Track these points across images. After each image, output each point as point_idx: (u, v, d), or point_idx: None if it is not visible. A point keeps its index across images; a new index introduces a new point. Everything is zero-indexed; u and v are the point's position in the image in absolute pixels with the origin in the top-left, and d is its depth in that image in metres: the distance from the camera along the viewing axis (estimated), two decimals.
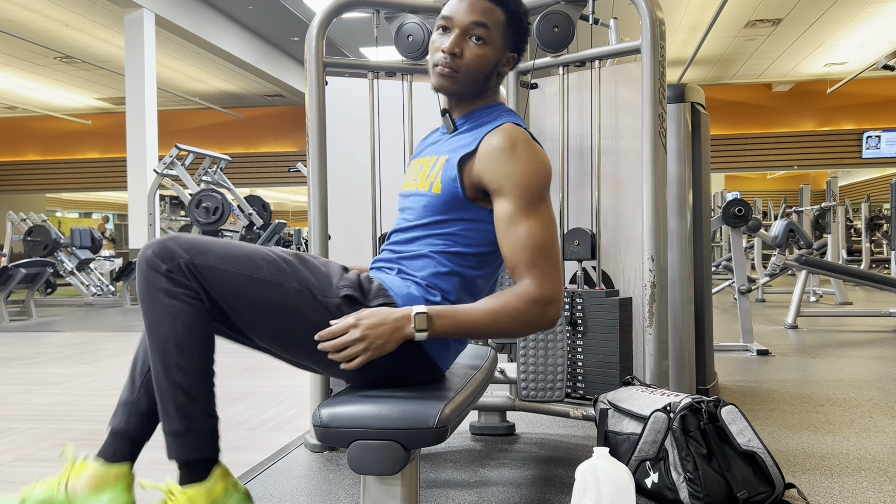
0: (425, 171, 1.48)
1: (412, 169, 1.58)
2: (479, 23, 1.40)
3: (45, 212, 16.36)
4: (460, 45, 1.41)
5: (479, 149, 1.40)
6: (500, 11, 1.42)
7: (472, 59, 1.41)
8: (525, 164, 1.36)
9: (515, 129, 1.40)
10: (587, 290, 2.35)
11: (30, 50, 11.75)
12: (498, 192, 1.37)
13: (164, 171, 7.30)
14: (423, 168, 1.51)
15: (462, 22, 1.41)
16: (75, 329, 6.59)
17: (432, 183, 1.44)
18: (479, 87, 1.47)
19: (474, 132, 1.45)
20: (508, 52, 1.47)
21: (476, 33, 1.40)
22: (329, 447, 2.43)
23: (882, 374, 3.70)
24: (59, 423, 2.95)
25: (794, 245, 7.42)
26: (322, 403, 1.29)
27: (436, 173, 1.44)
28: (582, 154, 2.58)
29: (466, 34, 1.41)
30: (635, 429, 1.92)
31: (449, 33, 1.42)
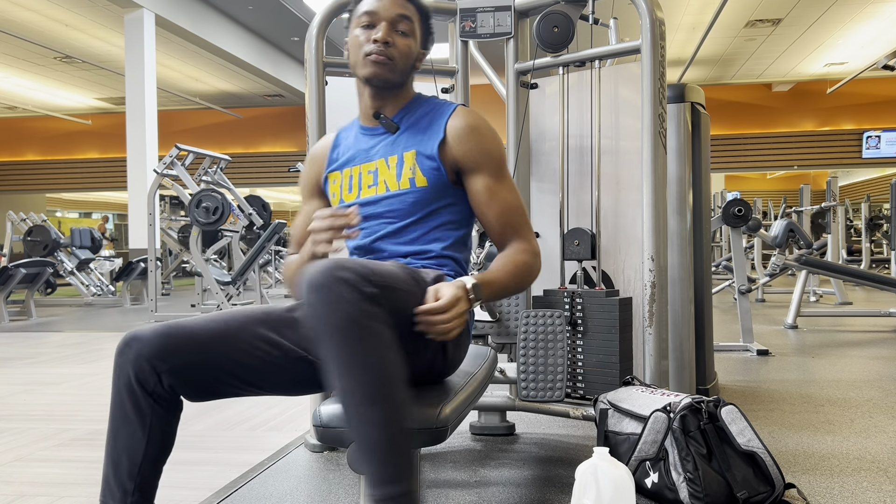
0: (389, 173, 1.49)
1: (353, 177, 1.53)
2: (403, 15, 1.47)
3: (45, 212, 16.36)
4: (391, 34, 1.46)
5: (448, 134, 1.49)
6: (413, 8, 1.50)
7: (402, 48, 1.47)
8: (492, 141, 1.51)
9: (472, 111, 1.53)
10: (587, 290, 2.35)
11: (30, 50, 11.75)
12: (475, 169, 1.48)
13: (164, 171, 7.29)
14: (377, 171, 1.51)
15: (388, 15, 1.46)
16: (75, 329, 6.59)
17: (412, 178, 1.47)
18: (405, 79, 1.52)
19: (425, 122, 1.52)
20: (421, 49, 1.54)
21: (401, 27, 1.47)
22: (329, 447, 2.43)
23: (882, 374, 3.70)
24: (59, 423, 2.95)
25: (794, 245, 7.42)
26: (322, 403, 1.29)
27: (410, 169, 1.47)
28: (582, 154, 2.58)
29: (393, 27, 1.46)
30: (635, 429, 1.92)
31: (374, 27, 1.46)
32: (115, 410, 1.29)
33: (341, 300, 1.09)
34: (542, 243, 2.64)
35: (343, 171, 1.56)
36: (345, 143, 1.60)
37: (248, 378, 1.34)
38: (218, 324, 1.33)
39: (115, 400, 1.29)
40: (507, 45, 2.54)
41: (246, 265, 7.78)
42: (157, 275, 7.46)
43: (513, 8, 2.46)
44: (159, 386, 1.28)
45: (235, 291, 7.83)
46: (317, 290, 1.11)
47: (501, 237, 1.49)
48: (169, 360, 1.27)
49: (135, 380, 1.27)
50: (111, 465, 1.28)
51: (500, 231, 1.49)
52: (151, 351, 1.26)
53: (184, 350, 1.28)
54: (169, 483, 2.20)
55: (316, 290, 1.11)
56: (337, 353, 1.10)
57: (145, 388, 1.27)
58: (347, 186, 1.54)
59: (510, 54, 2.54)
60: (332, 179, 1.57)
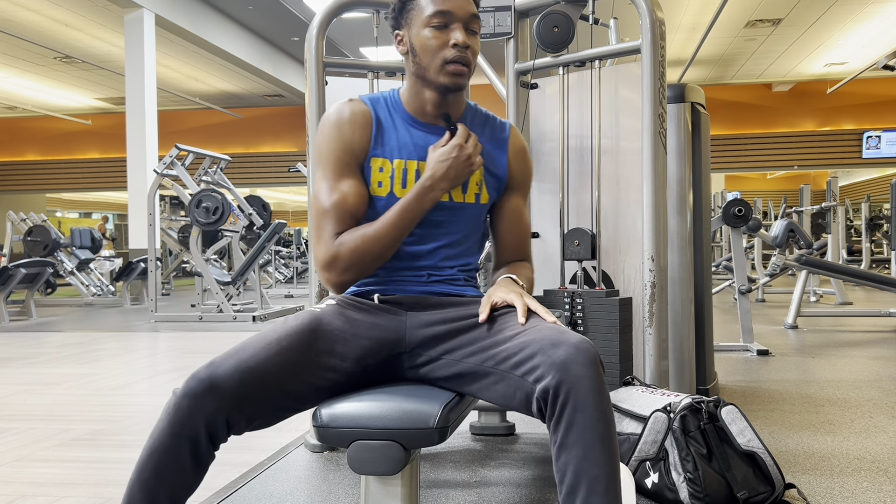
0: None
1: (408, 172, 1.43)
2: (476, 15, 1.40)
3: (45, 212, 16.36)
4: (468, 38, 1.39)
5: (510, 153, 1.53)
6: (475, 7, 1.43)
7: (476, 51, 1.42)
8: (531, 165, 1.59)
9: (518, 132, 1.58)
10: (587, 290, 2.35)
11: (30, 50, 11.75)
12: (516, 188, 1.54)
13: (164, 171, 7.29)
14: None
15: (464, 16, 1.38)
16: (75, 329, 6.59)
17: (478, 194, 1.48)
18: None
19: (485, 136, 1.52)
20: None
21: (474, 26, 1.40)
22: (329, 447, 2.43)
23: (882, 374, 3.70)
24: (59, 423, 2.95)
25: (794, 245, 7.42)
26: (322, 403, 1.29)
27: (476, 184, 1.48)
28: (582, 154, 2.58)
29: (468, 28, 1.39)
30: (635, 429, 1.92)
31: (450, 28, 1.38)
32: (166, 454, 1.15)
33: (604, 384, 1.17)
34: (542, 243, 2.64)
35: (394, 162, 1.43)
36: (389, 128, 1.45)
37: (311, 403, 1.29)
38: (282, 357, 1.23)
39: (170, 444, 1.15)
40: (507, 45, 2.54)
41: (246, 265, 7.78)
42: (157, 275, 7.46)
43: (513, 8, 2.46)
44: (226, 435, 1.19)
45: (235, 291, 7.83)
46: (594, 364, 1.15)
47: (513, 256, 1.56)
48: (245, 408, 1.18)
49: (205, 433, 1.16)
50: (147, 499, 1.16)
51: (514, 251, 1.56)
52: (230, 404, 1.16)
53: (258, 396, 1.20)
54: None
55: (593, 364, 1.15)
56: (607, 428, 1.13)
57: (213, 442, 1.18)
58: (401, 180, 1.42)
59: (510, 54, 2.54)
60: (379, 166, 1.42)
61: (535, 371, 1.16)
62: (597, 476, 1.09)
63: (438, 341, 1.34)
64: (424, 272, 1.44)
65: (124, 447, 2.60)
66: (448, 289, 1.45)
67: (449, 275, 1.46)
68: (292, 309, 7.96)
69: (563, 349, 1.15)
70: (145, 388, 3.76)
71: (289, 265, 14.27)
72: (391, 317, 1.38)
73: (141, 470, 1.16)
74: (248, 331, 6.24)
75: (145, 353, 5.02)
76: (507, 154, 1.52)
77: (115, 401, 3.40)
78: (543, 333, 1.21)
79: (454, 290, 1.45)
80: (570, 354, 1.14)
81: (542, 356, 1.16)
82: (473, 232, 1.51)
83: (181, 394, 1.16)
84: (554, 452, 1.14)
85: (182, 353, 4.97)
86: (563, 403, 1.12)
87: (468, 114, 1.52)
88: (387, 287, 1.43)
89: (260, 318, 7.08)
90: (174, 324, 6.93)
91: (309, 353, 1.27)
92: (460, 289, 1.47)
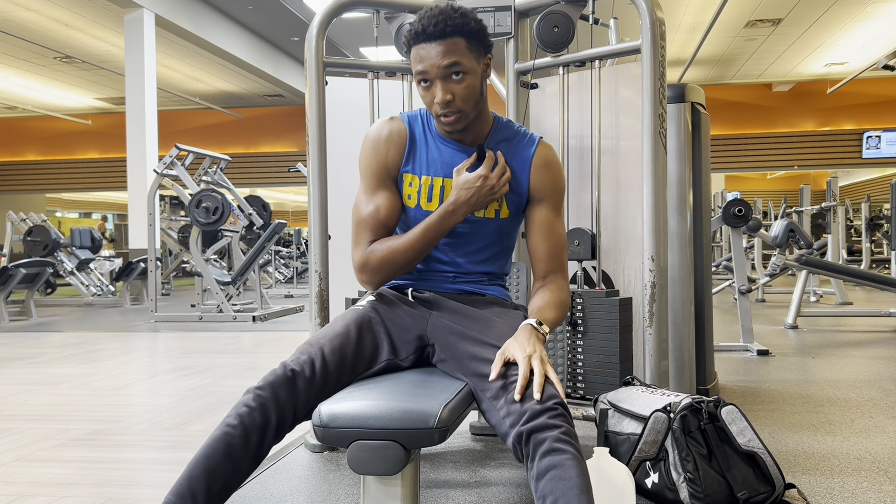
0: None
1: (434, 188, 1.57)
2: (452, 63, 1.45)
3: (45, 212, 16.36)
4: (448, 89, 1.46)
5: (532, 169, 1.59)
6: (460, 39, 1.46)
7: (463, 94, 1.48)
8: (560, 176, 1.63)
9: (549, 145, 1.64)
10: (587, 290, 2.35)
11: (30, 50, 11.75)
12: (541, 200, 1.60)
13: (164, 171, 7.29)
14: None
15: (437, 72, 1.46)
16: (75, 329, 6.59)
17: (497, 210, 1.59)
18: (480, 107, 1.55)
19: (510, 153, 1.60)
20: (484, 60, 1.53)
21: (454, 72, 1.46)
22: (329, 447, 2.43)
23: (882, 374, 3.70)
24: (59, 423, 2.95)
25: (794, 245, 7.42)
26: (322, 403, 1.29)
27: (497, 201, 1.58)
28: (582, 154, 2.58)
29: (447, 79, 1.46)
30: (635, 429, 1.92)
31: (432, 84, 1.48)
32: (231, 444, 1.28)
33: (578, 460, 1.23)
34: None
35: (422, 178, 1.58)
36: (421, 145, 1.60)
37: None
38: (339, 350, 1.41)
39: (238, 434, 1.28)
40: (508, 45, 2.54)
41: (246, 265, 7.78)
42: (157, 275, 7.46)
43: (513, 8, 2.46)
44: (289, 426, 1.32)
45: (235, 291, 7.83)
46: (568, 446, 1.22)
47: (546, 272, 1.59)
48: (315, 402, 1.33)
49: (275, 423, 1.29)
50: (203, 483, 1.26)
51: (547, 267, 1.59)
52: (304, 396, 1.32)
53: (324, 387, 1.36)
54: (169, 483, 2.19)
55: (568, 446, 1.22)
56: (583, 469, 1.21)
57: (279, 432, 1.31)
58: (427, 195, 1.58)
59: (510, 54, 2.55)
60: (409, 181, 1.59)
61: (508, 418, 1.28)
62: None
63: (450, 347, 1.49)
64: (451, 273, 1.61)
65: (124, 447, 2.60)
66: (473, 287, 1.61)
67: (474, 278, 1.62)
68: (292, 309, 7.96)
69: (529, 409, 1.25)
70: (145, 388, 3.76)
71: (289, 265, 14.27)
72: (418, 313, 1.56)
73: (202, 455, 1.28)
74: (249, 331, 6.24)
75: (145, 353, 5.02)
76: (530, 170, 1.59)
77: (115, 401, 3.40)
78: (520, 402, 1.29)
79: (478, 288, 1.62)
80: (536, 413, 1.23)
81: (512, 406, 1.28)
82: (497, 242, 1.62)
83: (259, 385, 1.31)
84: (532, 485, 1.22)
85: (182, 353, 4.97)
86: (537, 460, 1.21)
87: (495, 132, 1.60)
88: (419, 283, 1.62)
89: (260, 319, 7.08)
90: (174, 324, 6.93)
91: (360, 343, 1.45)
92: (484, 287, 1.63)
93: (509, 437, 1.26)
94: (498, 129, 1.61)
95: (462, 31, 1.46)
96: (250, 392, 1.32)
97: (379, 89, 2.58)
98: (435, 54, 1.45)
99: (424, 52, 1.46)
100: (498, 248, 1.64)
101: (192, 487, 1.26)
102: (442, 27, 1.44)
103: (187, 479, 1.27)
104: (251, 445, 1.28)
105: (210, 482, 1.26)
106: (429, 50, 1.45)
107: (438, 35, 1.44)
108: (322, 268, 2.45)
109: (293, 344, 1.55)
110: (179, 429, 2.85)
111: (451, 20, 1.45)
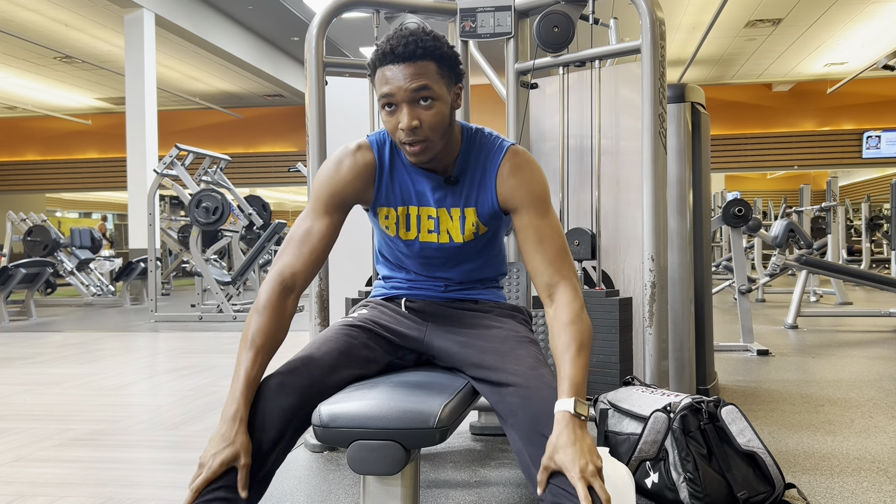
0: (452, 224, 1.52)
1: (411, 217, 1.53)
2: (420, 87, 1.35)
3: (45, 212, 16.35)
4: (415, 115, 1.36)
5: (497, 181, 1.49)
6: (431, 64, 1.37)
7: (431, 122, 1.38)
8: (532, 178, 1.49)
9: (519, 151, 1.52)
10: (587, 290, 2.35)
11: (30, 50, 11.75)
12: (518, 207, 1.48)
13: (164, 171, 7.29)
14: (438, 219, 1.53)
15: (404, 96, 1.35)
16: (75, 329, 6.59)
17: (475, 232, 1.52)
18: (448, 135, 1.44)
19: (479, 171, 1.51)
20: (454, 89, 1.44)
21: (422, 97, 1.36)
22: (329, 447, 2.43)
23: (882, 374, 3.70)
24: (59, 423, 2.95)
25: (794, 245, 7.42)
26: (322, 403, 1.29)
27: (473, 224, 1.52)
28: (582, 154, 2.58)
29: (413, 104, 1.36)
30: (635, 429, 1.92)
31: (397, 109, 1.37)
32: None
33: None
34: None
35: (398, 209, 1.52)
36: (391, 175, 1.51)
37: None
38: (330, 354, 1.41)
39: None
40: (507, 45, 2.54)
41: (246, 265, 7.78)
42: (157, 275, 7.46)
43: (513, 8, 2.46)
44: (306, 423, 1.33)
45: (235, 291, 7.83)
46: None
47: (548, 284, 1.45)
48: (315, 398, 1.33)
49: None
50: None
51: (548, 279, 1.45)
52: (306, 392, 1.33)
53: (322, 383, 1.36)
54: (169, 483, 2.20)
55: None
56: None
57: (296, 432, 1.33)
58: (405, 224, 1.52)
59: (510, 54, 2.54)
60: (384, 214, 1.52)
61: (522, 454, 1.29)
62: None
63: (451, 357, 1.49)
64: (442, 283, 1.58)
65: (124, 447, 2.60)
66: (466, 295, 1.58)
67: (467, 286, 1.60)
68: None
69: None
70: (145, 388, 3.76)
71: None
72: (413, 324, 1.53)
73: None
74: None
75: (145, 353, 5.02)
76: (495, 183, 1.49)
77: (115, 401, 3.40)
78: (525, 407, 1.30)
79: (471, 295, 1.59)
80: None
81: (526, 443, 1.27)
82: (485, 253, 1.58)
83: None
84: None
85: (182, 353, 4.97)
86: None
87: (464, 153, 1.50)
88: (411, 292, 1.59)
89: None
90: (174, 324, 6.93)
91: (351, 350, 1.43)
92: (478, 293, 1.60)
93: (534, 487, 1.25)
94: (467, 146, 1.50)
95: (433, 55, 1.37)
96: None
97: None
98: (402, 77, 1.34)
99: (391, 74, 1.35)
100: (486, 257, 1.60)
101: None
102: (413, 48, 1.34)
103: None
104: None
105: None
106: (396, 72, 1.35)
107: (408, 57, 1.34)
108: (322, 268, 2.45)
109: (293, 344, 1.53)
110: (179, 429, 2.85)
111: (422, 42, 1.35)
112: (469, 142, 1.51)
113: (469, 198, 1.50)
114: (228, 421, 1.25)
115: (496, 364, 1.39)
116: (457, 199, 1.50)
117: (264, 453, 1.26)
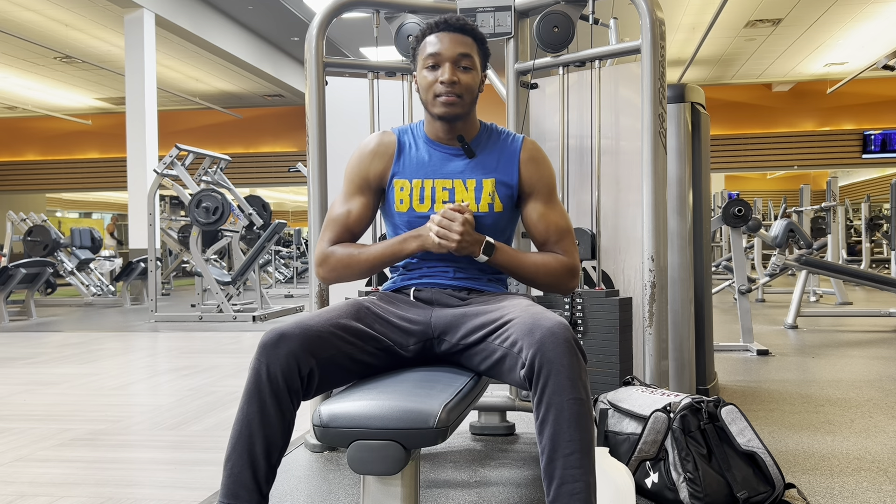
0: (468, 195, 1.66)
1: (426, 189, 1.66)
2: (464, 54, 1.61)
3: (45, 212, 16.35)
4: (455, 74, 1.60)
5: (521, 164, 1.69)
6: (471, 41, 1.63)
7: (467, 83, 1.61)
8: (548, 168, 1.72)
9: (534, 142, 1.75)
10: (587, 290, 2.35)
11: (30, 50, 11.75)
12: (531, 195, 1.68)
13: (164, 171, 7.29)
14: (453, 189, 1.66)
15: (451, 55, 1.60)
16: (75, 329, 6.59)
17: (491, 204, 1.65)
18: (473, 108, 1.67)
19: (497, 151, 1.70)
20: (482, 73, 1.68)
21: (464, 63, 1.61)
22: (329, 447, 2.43)
23: (882, 374, 3.70)
24: (59, 423, 2.95)
25: (794, 245, 7.42)
26: (322, 403, 1.29)
27: (489, 195, 1.65)
28: (582, 154, 2.58)
29: (456, 65, 1.60)
30: (635, 429, 1.92)
31: (439, 68, 1.61)
32: (254, 413, 1.30)
33: (578, 364, 1.31)
34: None
35: (412, 181, 1.66)
36: (410, 152, 1.69)
37: (360, 373, 1.46)
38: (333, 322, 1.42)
39: (255, 400, 1.29)
40: (507, 45, 2.54)
41: (246, 265, 7.78)
42: (157, 275, 7.46)
43: (513, 8, 2.46)
44: (299, 384, 1.32)
45: (235, 291, 7.83)
46: (568, 349, 1.30)
47: (543, 246, 1.69)
48: (312, 358, 1.34)
49: (282, 378, 1.30)
50: (248, 468, 1.29)
51: (543, 241, 1.68)
52: (300, 348, 1.32)
53: (321, 348, 1.36)
54: (169, 483, 2.20)
55: (568, 349, 1.30)
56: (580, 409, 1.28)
57: (290, 388, 1.31)
58: (419, 197, 1.66)
59: (510, 54, 2.54)
60: (399, 186, 1.67)
61: (521, 353, 1.34)
62: (571, 452, 1.26)
63: (457, 327, 1.53)
64: (451, 269, 1.66)
65: (124, 447, 2.60)
66: (471, 284, 1.66)
67: (473, 274, 1.66)
68: (292, 309, 7.96)
69: (539, 333, 1.31)
70: (145, 388, 3.76)
71: (289, 265, 14.27)
72: (419, 311, 1.59)
73: (237, 435, 1.31)
74: (249, 331, 6.24)
75: (145, 353, 5.02)
76: (518, 163, 1.68)
77: (115, 401, 3.40)
78: (524, 318, 1.38)
79: (477, 285, 1.66)
80: (546, 339, 1.30)
81: (525, 338, 1.33)
82: (495, 237, 1.65)
83: (255, 354, 1.31)
84: (536, 427, 1.30)
85: (182, 353, 4.97)
86: (542, 385, 1.29)
87: (482, 134, 1.71)
88: (420, 281, 1.66)
89: (260, 318, 7.08)
90: (174, 324, 6.93)
91: (356, 323, 1.46)
92: (483, 285, 1.67)
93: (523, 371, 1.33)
94: (485, 130, 1.72)
95: (476, 36, 1.64)
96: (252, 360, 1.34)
97: (379, 89, 2.58)
98: (450, 42, 1.60)
99: (441, 39, 1.61)
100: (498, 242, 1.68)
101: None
102: (462, 24, 1.63)
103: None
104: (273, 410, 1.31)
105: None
106: (444, 38, 1.61)
107: (458, 28, 1.62)
108: None
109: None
110: (179, 429, 2.85)
111: (468, 23, 1.64)
112: (486, 129, 1.73)
113: (489, 169, 1.67)
114: (407, 235, 1.59)
115: (496, 313, 1.47)
116: (473, 171, 1.67)
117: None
